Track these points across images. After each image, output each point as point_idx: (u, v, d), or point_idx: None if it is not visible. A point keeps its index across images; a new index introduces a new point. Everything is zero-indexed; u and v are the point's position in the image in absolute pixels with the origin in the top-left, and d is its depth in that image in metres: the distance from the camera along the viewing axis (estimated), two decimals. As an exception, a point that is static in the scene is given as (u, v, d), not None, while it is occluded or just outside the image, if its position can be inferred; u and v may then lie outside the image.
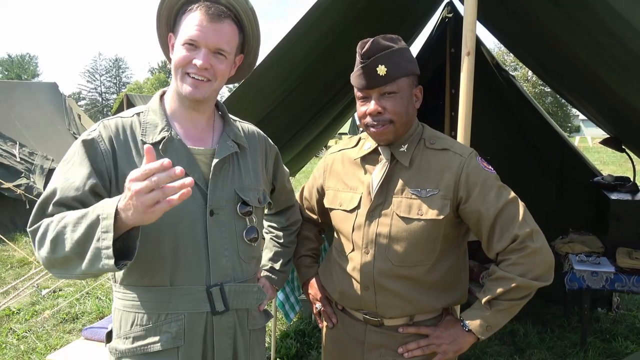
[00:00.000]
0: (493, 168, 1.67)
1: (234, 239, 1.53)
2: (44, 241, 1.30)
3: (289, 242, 1.93)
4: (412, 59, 1.64)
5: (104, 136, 1.44)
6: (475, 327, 1.59)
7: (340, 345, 1.81)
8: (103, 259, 1.21)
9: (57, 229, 1.27)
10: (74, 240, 1.24)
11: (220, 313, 1.49)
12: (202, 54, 1.44)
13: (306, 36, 2.52)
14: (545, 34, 3.31)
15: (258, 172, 1.66)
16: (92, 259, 1.23)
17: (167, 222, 1.40)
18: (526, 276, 1.53)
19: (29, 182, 8.06)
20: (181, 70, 1.46)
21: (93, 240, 1.22)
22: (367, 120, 1.62)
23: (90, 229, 1.22)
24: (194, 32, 1.44)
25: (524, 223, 1.55)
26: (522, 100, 4.80)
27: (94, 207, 1.25)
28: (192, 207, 1.45)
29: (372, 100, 1.60)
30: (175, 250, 1.44)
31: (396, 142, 1.67)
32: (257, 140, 1.72)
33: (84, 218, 1.24)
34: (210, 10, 1.44)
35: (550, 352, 3.91)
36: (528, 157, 4.87)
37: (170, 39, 1.53)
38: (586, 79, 3.35)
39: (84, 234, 1.23)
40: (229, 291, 1.50)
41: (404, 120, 1.62)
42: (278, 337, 4.09)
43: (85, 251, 1.23)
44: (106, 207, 1.22)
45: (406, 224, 1.61)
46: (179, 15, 1.49)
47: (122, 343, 1.47)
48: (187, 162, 1.47)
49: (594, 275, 3.70)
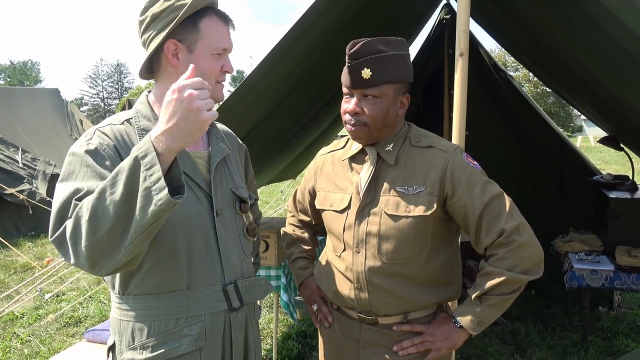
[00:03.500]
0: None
1: (237, 236, 1.57)
2: (79, 230, 1.16)
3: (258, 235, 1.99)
4: (405, 66, 1.63)
5: (105, 143, 1.37)
6: (467, 323, 1.60)
7: (336, 344, 1.83)
8: (154, 197, 1.11)
9: (92, 205, 1.14)
10: (117, 200, 1.13)
11: (237, 309, 1.53)
12: (229, 61, 1.50)
13: (304, 38, 2.55)
14: (540, 33, 3.33)
15: (240, 170, 1.71)
16: (143, 206, 1.12)
17: (180, 228, 1.42)
18: (514, 270, 1.54)
19: (31, 188, 8.10)
20: (214, 79, 1.48)
21: (139, 185, 1.12)
22: (346, 117, 1.66)
23: (131, 177, 1.13)
24: (227, 41, 1.47)
25: (510, 217, 1.56)
26: (521, 100, 4.82)
27: (122, 163, 1.16)
28: (200, 210, 1.47)
29: (354, 99, 1.62)
30: (190, 254, 1.45)
31: (381, 141, 1.69)
32: (233, 140, 1.75)
33: (119, 174, 1.14)
34: (219, 12, 1.47)
35: (551, 351, 3.92)
36: (528, 156, 4.89)
37: (169, 46, 1.43)
38: (582, 77, 3.36)
39: (127, 185, 1.13)
40: (242, 287, 1.54)
41: (380, 125, 1.63)
42: (280, 339, 4.11)
43: (133, 204, 1.14)
44: (140, 148, 1.13)
45: (394, 221, 1.63)
46: (187, 21, 1.42)
47: (140, 353, 1.43)
48: (190, 166, 1.48)
49: (594, 273, 3.70)
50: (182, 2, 1.42)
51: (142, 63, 1.49)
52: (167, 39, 1.43)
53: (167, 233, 1.40)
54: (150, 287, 1.43)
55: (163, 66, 1.48)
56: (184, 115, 1.11)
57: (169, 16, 1.42)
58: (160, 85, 1.51)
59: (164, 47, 1.44)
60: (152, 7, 1.44)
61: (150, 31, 1.45)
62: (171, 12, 1.42)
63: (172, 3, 1.42)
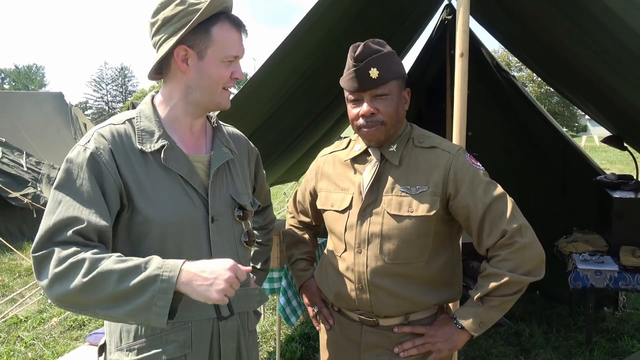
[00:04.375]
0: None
1: (233, 244, 1.54)
2: (69, 278, 1.21)
3: (267, 240, 1.96)
4: (399, 62, 1.68)
5: (101, 148, 1.36)
6: (468, 325, 1.59)
7: (337, 346, 1.82)
8: (150, 315, 1.20)
9: (93, 275, 1.20)
10: (117, 291, 1.20)
11: (226, 318, 1.49)
12: (240, 67, 1.50)
13: (306, 39, 2.55)
14: (541, 32, 3.32)
15: (246, 176, 1.67)
16: (133, 311, 1.21)
17: (171, 232, 1.40)
18: (516, 272, 1.54)
19: (35, 191, 8.13)
20: (222, 86, 1.47)
21: (144, 296, 1.20)
22: (360, 122, 1.65)
23: (142, 287, 1.20)
24: (238, 49, 1.46)
25: (512, 218, 1.56)
26: (523, 100, 4.81)
27: (146, 263, 1.23)
28: (194, 216, 1.45)
29: (365, 102, 1.62)
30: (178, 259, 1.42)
31: (386, 142, 1.69)
32: (241, 143, 1.72)
33: (133, 273, 1.21)
34: (232, 18, 1.45)
35: (556, 352, 3.90)
36: (530, 156, 4.88)
37: (179, 51, 1.42)
38: (585, 77, 3.35)
39: (135, 288, 1.20)
40: (233, 296, 1.51)
41: (395, 121, 1.65)
42: (283, 341, 4.10)
43: (128, 301, 1.21)
44: (167, 269, 1.23)
45: (397, 221, 1.63)
46: (199, 27, 1.41)
47: (126, 355, 1.44)
48: (187, 170, 1.46)
49: (598, 274, 3.68)
50: (196, 7, 1.39)
51: (152, 65, 1.48)
52: (177, 44, 1.41)
53: (157, 236, 1.38)
54: None
55: (172, 70, 1.47)
56: (212, 280, 1.22)
57: (181, 21, 1.40)
58: (168, 87, 1.50)
59: (174, 53, 1.42)
60: (164, 10, 1.42)
61: (161, 34, 1.43)
62: (183, 16, 1.40)
63: (185, 7, 1.40)
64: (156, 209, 1.38)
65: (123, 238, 1.41)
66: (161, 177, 1.42)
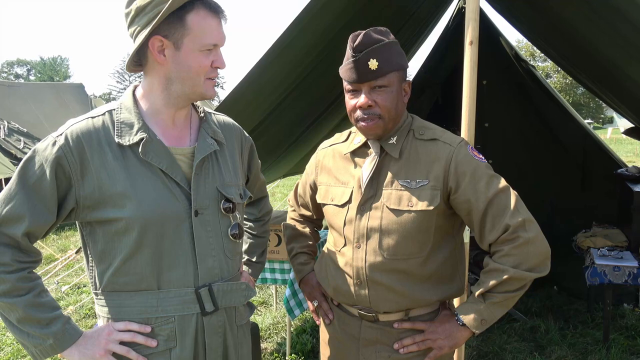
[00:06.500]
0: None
1: (219, 237, 1.50)
2: None
3: (262, 232, 1.91)
4: (401, 52, 1.62)
5: (69, 147, 1.34)
6: (470, 321, 1.55)
7: (336, 341, 1.79)
8: (30, 353, 1.40)
9: (2, 303, 1.36)
10: (14, 328, 1.38)
11: (210, 313, 1.47)
12: (221, 56, 1.43)
13: (308, 28, 2.49)
14: (562, 23, 3.23)
15: (237, 166, 1.62)
16: (22, 343, 1.40)
17: (152, 226, 1.38)
18: (519, 267, 1.49)
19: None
20: (203, 76, 1.42)
21: (31, 341, 1.38)
22: (357, 114, 1.60)
23: (33, 335, 1.38)
24: (217, 36, 1.40)
25: (515, 212, 1.50)
26: (543, 91, 4.70)
27: (46, 321, 1.37)
28: (176, 209, 1.42)
29: (363, 94, 1.57)
30: (160, 254, 1.41)
31: (385, 135, 1.64)
32: (233, 132, 1.66)
33: (32, 325, 1.37)
34: (208, 3, 1.39)
35: (572, 349, 3.81)
36: (550, 150, 4.78)
37: (154, 42, 1.37)
38: (606, 68, 3.25)
39: (28, 334, 1.38)
40: (217, 291, 1.48)
41: (393, 115, 1.60)
42: (294, 333, 4.09)
43: (18, 334, 1.39)
44: (56, 335, 1.38)
45: (397, 216, 1.58)
46: (173, 16, 1.34)
47: None
48: (168, 164, 1.42)
49: (616, 269, 3.58)
50: None
51: (129, 57, 1.44)
52: (151, 35, 1.35)
53: (138, 231, 1.36)
54: (121, 285, 1.42)
55: (150, 62, 1.42)
56: (94, 347, 1.40)
57: (153, 10, 1.34)
58: (148, 79, 1.45)
59: (149, 44, 1.37)
60: (136, 0, 1.37)
61: (135, 25, 1.38)
62: (156, 5, 1.33)
63: None
64: (133, 204, 1.36)
65: (100, 235, 1.40)
66: (140, 171, 1.39)
